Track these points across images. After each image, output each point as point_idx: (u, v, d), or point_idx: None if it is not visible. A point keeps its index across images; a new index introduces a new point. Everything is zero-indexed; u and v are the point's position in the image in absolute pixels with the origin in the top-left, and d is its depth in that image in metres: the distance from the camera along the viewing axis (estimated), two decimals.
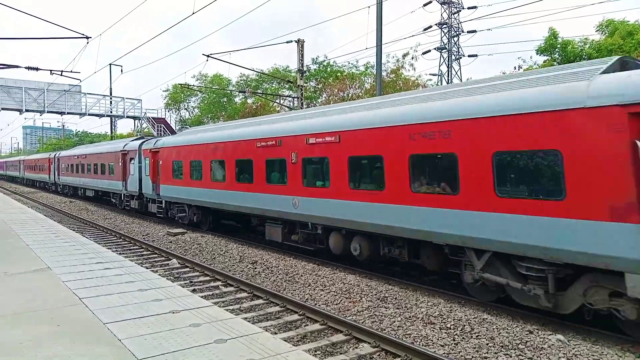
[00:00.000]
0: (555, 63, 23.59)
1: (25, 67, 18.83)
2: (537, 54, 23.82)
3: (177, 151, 19.08)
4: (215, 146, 16.32)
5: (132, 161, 23.22)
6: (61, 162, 38.06)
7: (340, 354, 6.83)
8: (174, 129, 49.89)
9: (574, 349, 6.63)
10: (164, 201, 20.49)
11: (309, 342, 7.25)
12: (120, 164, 24.48)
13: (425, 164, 9.38)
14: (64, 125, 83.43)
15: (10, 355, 4.32)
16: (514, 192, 7.78)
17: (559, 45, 22.54)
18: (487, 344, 6.82)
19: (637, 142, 6.29)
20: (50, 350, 4.45)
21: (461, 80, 43.71)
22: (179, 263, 12.79)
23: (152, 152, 21.15)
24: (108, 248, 12.00)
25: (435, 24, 41.44)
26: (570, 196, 6.96)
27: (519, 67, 30.39)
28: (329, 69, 39.86)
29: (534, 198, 7.46)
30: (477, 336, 7.11)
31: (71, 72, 20.67)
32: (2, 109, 41.05)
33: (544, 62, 25.35)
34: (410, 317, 8.00)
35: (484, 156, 8.06)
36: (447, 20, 41.94)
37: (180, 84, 38.45)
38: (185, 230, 17.68)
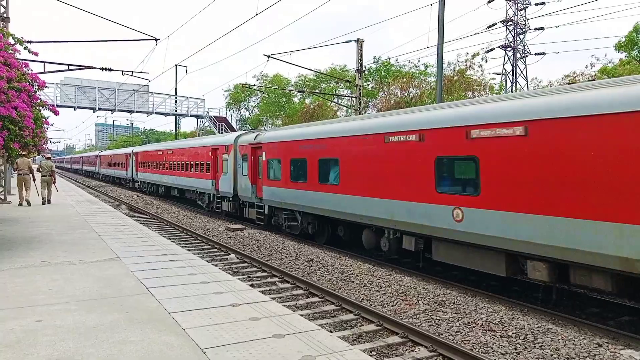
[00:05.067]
0: (635, 60, 22.04)
1: (100, 68, 20.00)
2: (615, 50, 22.29)
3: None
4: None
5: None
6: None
7: (396, 356, 6.76)
8: (235, 127, 51.27)
9: None
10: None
11: (364, 342, 7.23)
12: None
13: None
14: (132, 123, 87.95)
15: (84, 339, 4.61)
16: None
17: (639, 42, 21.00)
18: (552, 355, 6.52)
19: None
20: (122, 335, 4.71)
21: (526, 79, 41.99)
22: (237, 258, 13.14)
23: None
24: (172, 241, 12.54)
25: (500, 21, 40.04)
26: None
27: (591, 65, 28.75)
28: (390, 68, 39.42)
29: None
30: (540, 346, 6.82)
31: (141, 72, 21.78)
32: (78, 107, 43.86)
33: (620, 60, 23.77)
34: (469, 322, 7.79)
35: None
36: (513, 17, 40.42)
37: (241, 84, 39.46)
38: (244, 227, 18.15)
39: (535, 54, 41.42)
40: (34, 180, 17.69)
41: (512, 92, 39.16)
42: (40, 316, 5.22)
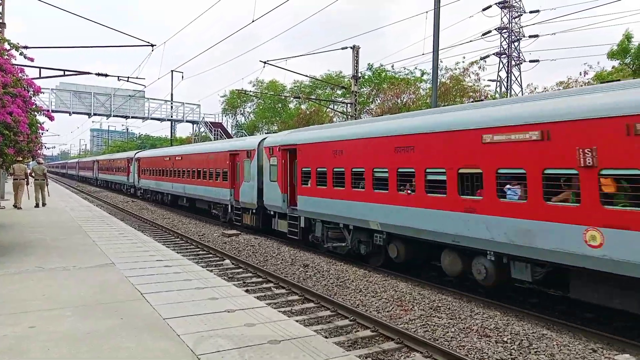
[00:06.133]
0: (628, 68, 22.20)
1: (96, 74, 20.01)
2: (607, 57, 22.43)
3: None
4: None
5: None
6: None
7: None
8: (230, 133, 51.24)
9: None
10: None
11: (360, 347, 7.22)
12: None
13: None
14: (127, 129, 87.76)
15: (78, 345, 4.58)
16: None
17: (632, 50, 21.09)
18: None
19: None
20: (116, 341, 4.69)
21: (521, 86, 42.24)
22: (232, 264, 13.10)
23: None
24: (167, 246, 12.47)
25: (495, 29, 40.33)
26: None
27: (585, 72, 28.95)
28: (383, 75, 39.60)
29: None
30: (535, 352, 6.83)
31: (137, 78, 21.80)
32: (73, 112, 43.71)
33: (612, 67, 23.94)
34: (464, 328, 7.80)
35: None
36: (508, 25, 40.74)
37: (237, 90, 39.50)
38: (239, 232, 18.11)
39: (530, 61, 41.71)
40: (27, 185, 18.30)
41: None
42: (34, 322, 5.18)
